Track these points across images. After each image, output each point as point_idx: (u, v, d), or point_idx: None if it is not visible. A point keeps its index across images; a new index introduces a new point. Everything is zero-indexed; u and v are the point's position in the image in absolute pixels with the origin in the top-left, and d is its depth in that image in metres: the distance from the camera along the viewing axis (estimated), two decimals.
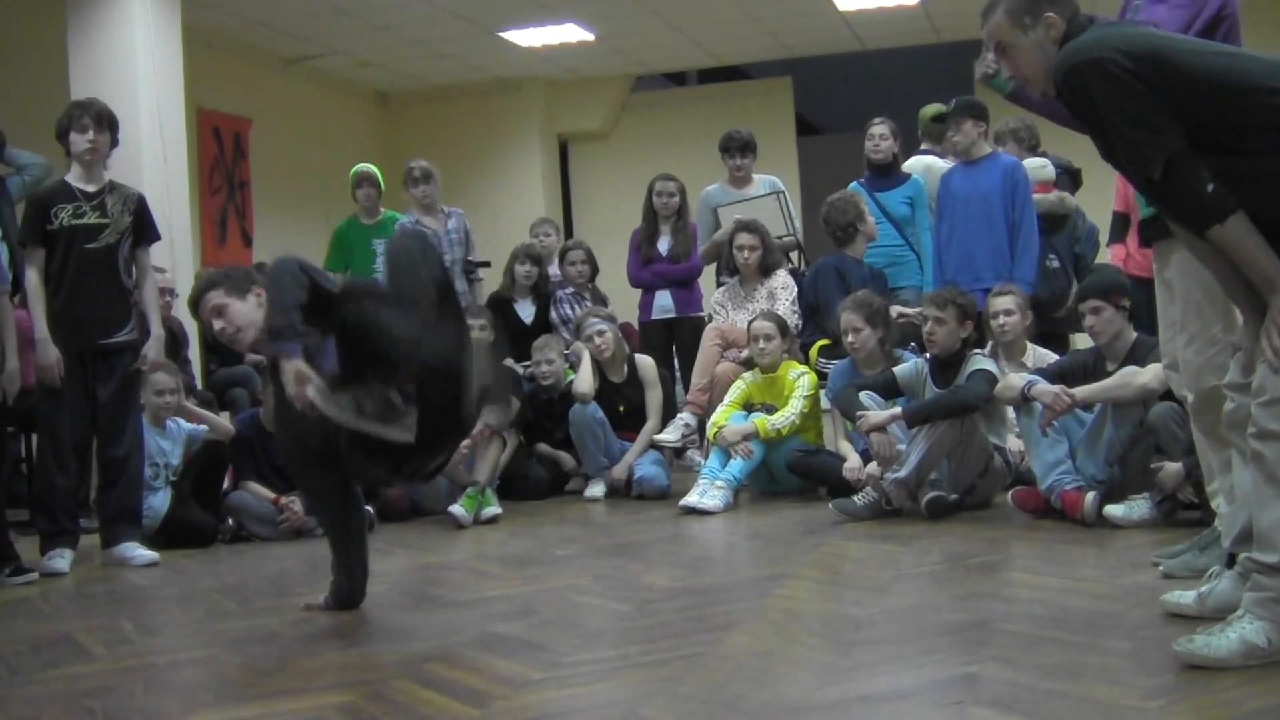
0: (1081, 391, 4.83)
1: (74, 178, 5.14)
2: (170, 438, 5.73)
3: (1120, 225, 6.28)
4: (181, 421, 5.79)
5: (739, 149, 7.42)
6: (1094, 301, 4.99)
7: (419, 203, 7.48)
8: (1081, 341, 6.16)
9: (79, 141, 5.10)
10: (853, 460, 5.74)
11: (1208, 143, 2.67)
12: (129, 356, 5.19)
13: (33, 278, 5.04)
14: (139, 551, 5.09)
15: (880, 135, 7.16)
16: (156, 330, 5.26)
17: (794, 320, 6.66)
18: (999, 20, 2.95)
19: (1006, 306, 5.68)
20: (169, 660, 3.41)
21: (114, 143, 5.24)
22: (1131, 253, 6.11)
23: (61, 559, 4.96)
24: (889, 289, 6.72)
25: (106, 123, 5.16)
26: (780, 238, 7.22)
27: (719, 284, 7.27)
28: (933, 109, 7.32)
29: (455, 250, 7.44)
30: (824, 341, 6.61)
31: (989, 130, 6.63)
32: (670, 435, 6.58)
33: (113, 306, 5.14)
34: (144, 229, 5.27)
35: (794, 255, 7.47)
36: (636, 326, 7.68)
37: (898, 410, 5.33)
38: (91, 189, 5.13)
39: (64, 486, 5.07)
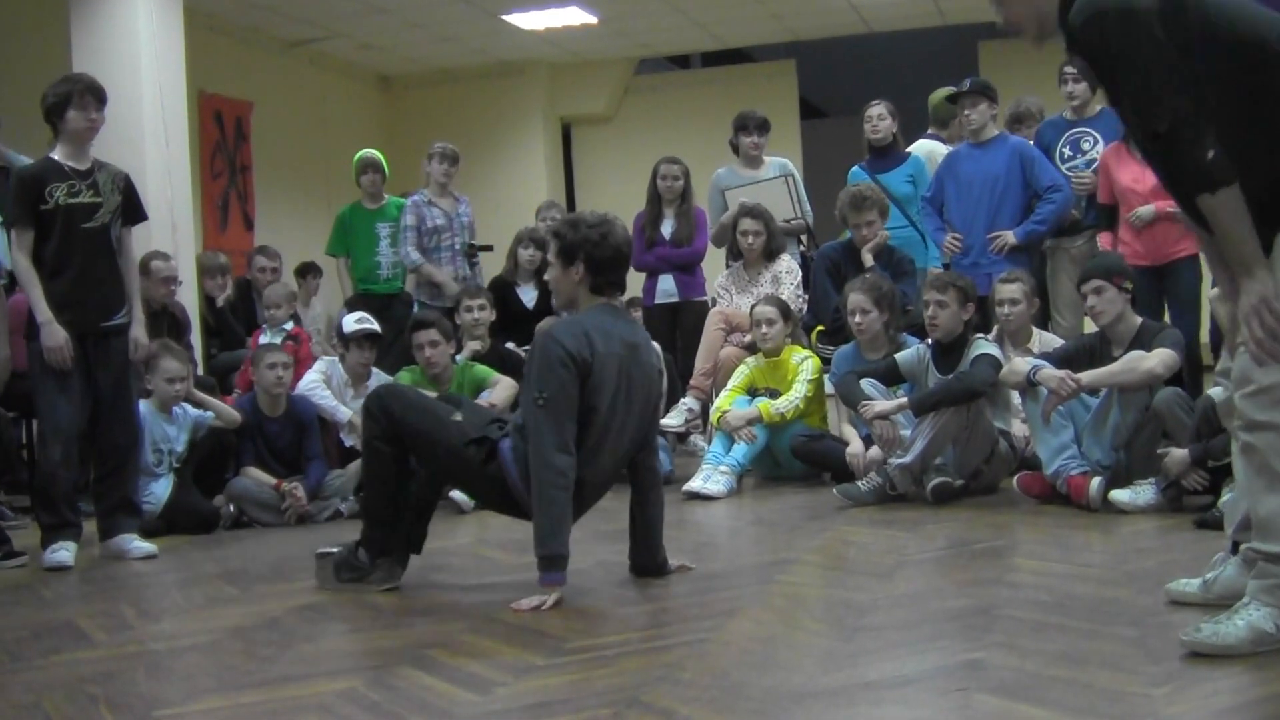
0: (1087, 376, 4.80)
1: (63, 156, 4.91)
2: (176, 424, 5.71)
3: (1106, 215, 6.26)
4: (188, 407, 5.76)
5: (756, 127, 7.41)
6: (1096, 281, 4.97)
7: (437, 181, 7.51)
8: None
9: (79, 119, 4.87)
10: (856, 445, 5.72)
11: (1221, 102, 2.62)
12: (123, 340, 5.11)
13: (22, 260, 4.82)
14: (137, 544, 5.00)
15: (878, 116, 7.13)
16: (136, 312, 5.13)
17: (798, 305, 6.63)
18: None
19: (1013, 295, 5.64)
20: (170, 646, 3.40)
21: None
22: (1128, 240, 6.08)
23: (65, 552, 4.80)
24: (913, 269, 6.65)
25: (104, 100, 4.97)
26: (788, 220, 7.19)
27: (728, 267, 7.24)
28: (944, 91, 7.27)
29: (464, 234, 7.64)
30: (820, 327, 6.59)
31: (997, 114, 6.61)
32: (674, 420, 6.54)
33: (112, 288, 5.01)
34: (133, 208, 5.12)
35: (803, 238, 7.45)
36: (639, 311, 7.65)
37: (904, 400, 5.30)
38: (83, 167, 4.94)
39: (67, 478, 4.94)
